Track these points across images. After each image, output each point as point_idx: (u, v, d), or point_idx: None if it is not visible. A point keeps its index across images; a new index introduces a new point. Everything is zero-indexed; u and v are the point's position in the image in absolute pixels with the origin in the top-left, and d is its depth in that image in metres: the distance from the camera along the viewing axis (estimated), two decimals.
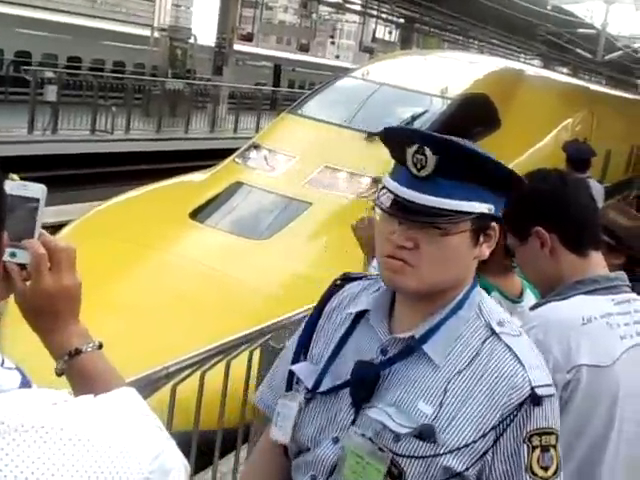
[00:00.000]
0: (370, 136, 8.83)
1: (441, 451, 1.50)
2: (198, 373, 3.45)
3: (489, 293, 2.25)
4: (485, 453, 1.50)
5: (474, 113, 3.05)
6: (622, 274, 2.18)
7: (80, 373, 1.28)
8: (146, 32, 25.44)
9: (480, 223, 1.55)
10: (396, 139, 1.58)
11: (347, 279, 1.80)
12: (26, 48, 21.57)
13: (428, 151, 1.50)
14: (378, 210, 1.58)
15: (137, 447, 0.92)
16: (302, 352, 1.74)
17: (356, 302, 1.72)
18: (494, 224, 1.58)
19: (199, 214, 8.33)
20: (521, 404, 1.49)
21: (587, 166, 7.63)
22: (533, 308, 2.18)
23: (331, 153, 8.88)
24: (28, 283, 1.27)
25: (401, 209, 1.53)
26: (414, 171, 1.51)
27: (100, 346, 1.32)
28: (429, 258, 1.53)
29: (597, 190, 7.60)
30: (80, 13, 30.41)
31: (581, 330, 1.97)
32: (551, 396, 1.53)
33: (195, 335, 4.82)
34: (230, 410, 3.79)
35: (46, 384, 0.93)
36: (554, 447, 1.53)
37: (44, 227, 1.27)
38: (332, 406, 1.64)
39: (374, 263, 2.77)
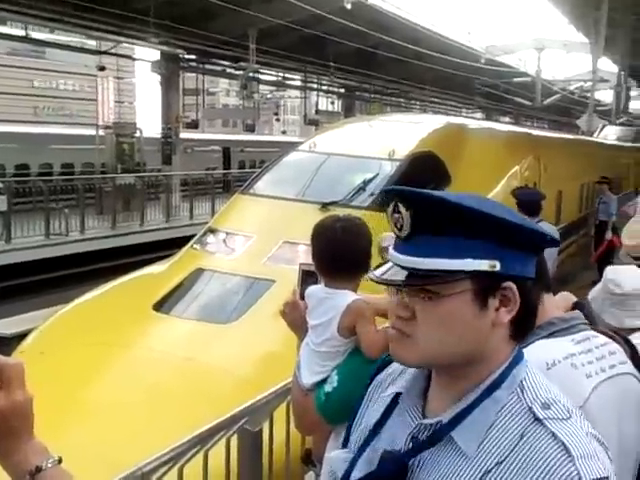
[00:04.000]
0: (324, 206, 8.87)
1: None
2: (175, 469, 3.33)
3: None
4: None
5: (423, 172, 3.06)
6: (578, 313, 2.17)
7: None
8: (91, 131, 25.55)
9: (484, 283, 1.36)
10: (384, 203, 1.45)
11: None
12: None
13: (402, 207, 1.37)
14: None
15: None
16: (348, 437, 1.60)
17: (396, 381, 1.55)
18: (509, 284, 1.38)
19: (164, 305, 8.22)
20: None
21: (538, 210, 7.73)
22: None
23: (288, 228, 8.87)
24: None
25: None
26: (397, 232, 1.40)
27: (60, 461, 1.31)
28: (424, 326, 1.37)
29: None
30: (24, 120, 30.55)
31: (547, 375, 1.94)
32: None
33: (170, 429, 4.69)
34: None
35: None
36: None
37: (6, 338, 1.26)
38: None
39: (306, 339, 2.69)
